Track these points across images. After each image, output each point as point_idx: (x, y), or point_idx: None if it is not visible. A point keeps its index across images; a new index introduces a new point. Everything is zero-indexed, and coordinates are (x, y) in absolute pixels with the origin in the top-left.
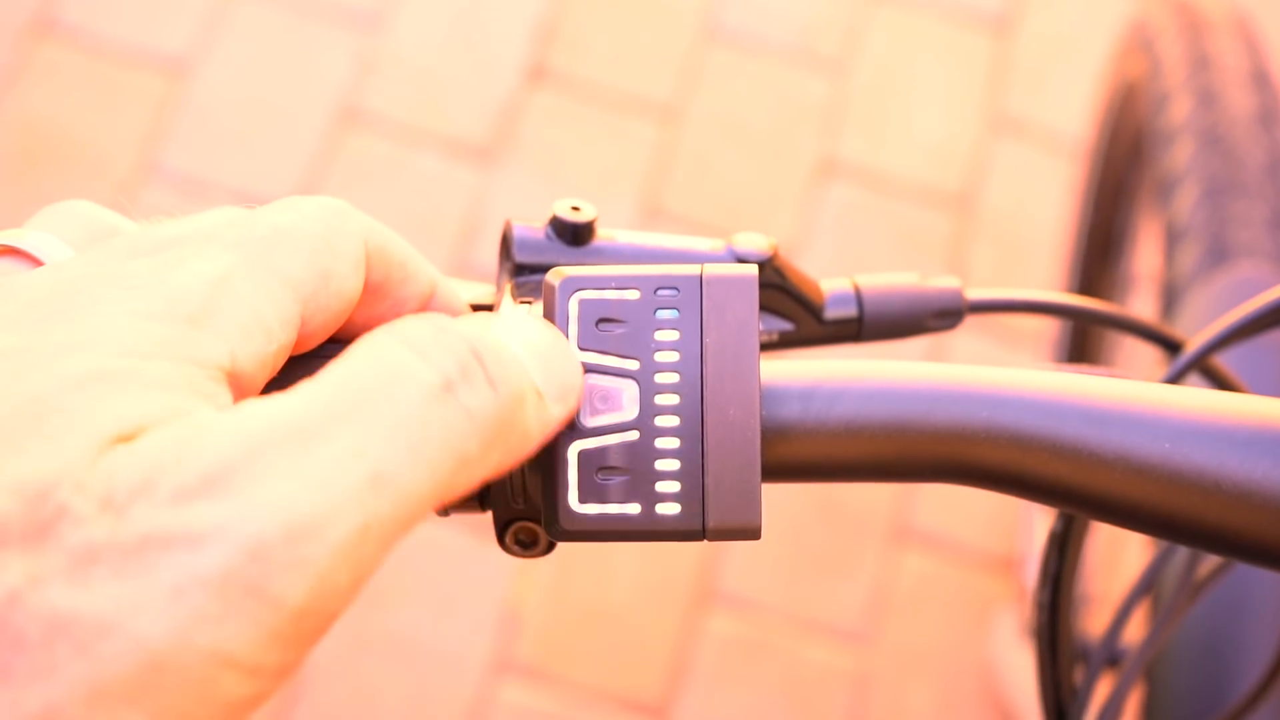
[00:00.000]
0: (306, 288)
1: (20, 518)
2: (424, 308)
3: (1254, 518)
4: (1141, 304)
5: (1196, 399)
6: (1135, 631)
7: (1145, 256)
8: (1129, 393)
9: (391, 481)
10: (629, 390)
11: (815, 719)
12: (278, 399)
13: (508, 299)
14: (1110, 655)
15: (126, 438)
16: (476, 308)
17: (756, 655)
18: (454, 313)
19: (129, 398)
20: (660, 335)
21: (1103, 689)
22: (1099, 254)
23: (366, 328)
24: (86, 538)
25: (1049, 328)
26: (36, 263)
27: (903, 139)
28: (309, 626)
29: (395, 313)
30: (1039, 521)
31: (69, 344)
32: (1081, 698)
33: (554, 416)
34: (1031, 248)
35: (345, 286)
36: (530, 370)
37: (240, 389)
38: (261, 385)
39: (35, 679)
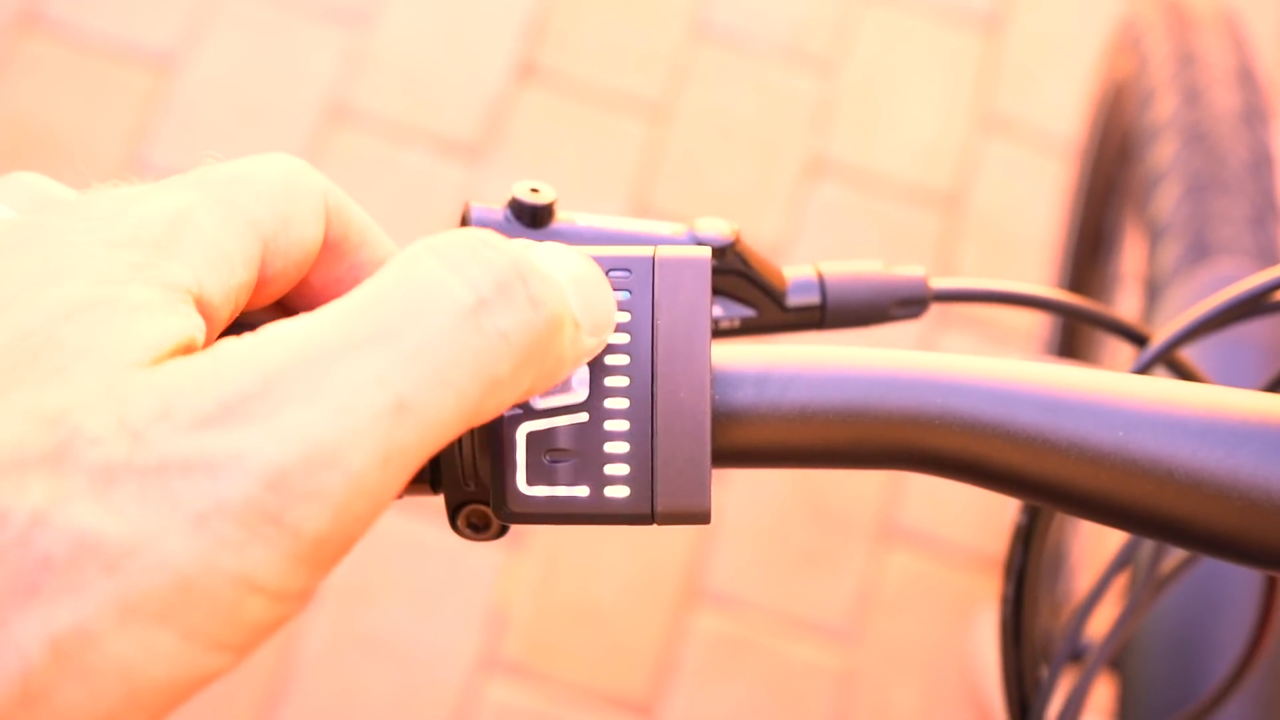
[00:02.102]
0: (267, 227)
1: (37, 441)
2: None
3: (1206, 507)
4: (1129, 303)
5: (1151, 388)
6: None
7: (1134, 256)
8: (1083, 381)
9: (415, 409)
10: (579, 372)
11: (801, 716)
12: (302, 319)
13: None
14: (1075, 650)
15: (132, 366)
16: None
17: (743, 653)
18: None
19: (120, 329)
20: None
21: (1070, 684)
22: (1088, 253)
23: (324, 291)
24: (104, 457)
25: (1038, 326)
26: None
27: (892, 138)
28: (329, 552)
29: (354, 276)
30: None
31: (44, 276)
32: (1045, 691)
33: (587, 348)
34: (1020, 247)
35: (306, 234)
36: (570, 297)
37: (208, 317)
38: (226, 319)
39: (65, 596)
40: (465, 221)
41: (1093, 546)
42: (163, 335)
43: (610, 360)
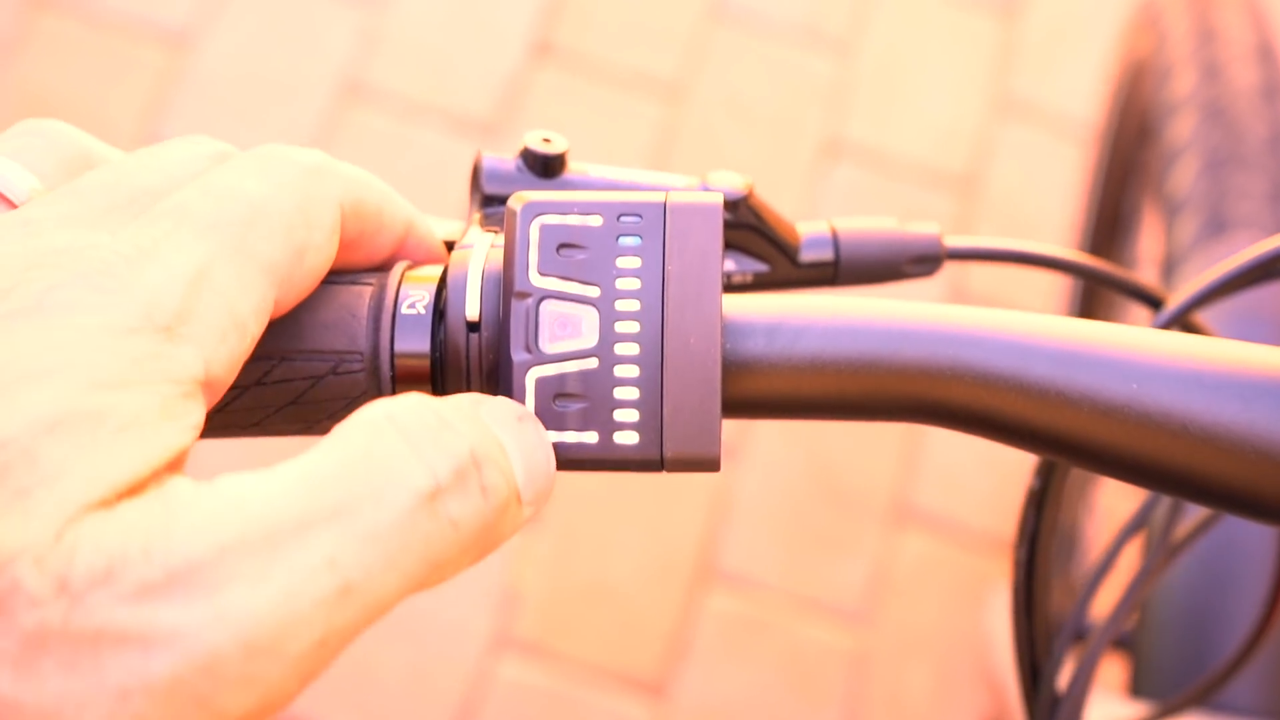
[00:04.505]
0: (282, 270)
1: None
2: (398, 249)
3: (1220, 460)
4: None
5: (1166, 341)
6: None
7: (1151, 240)
8: (1097, 334)
9: (360, 592)
10: (589, 317)
11: (814, 697)
12: (260, 486)
13: (474, 229)
14: (1081, 629)
15: (94, 506)
16: (450, 245)
17: (756, 634)
18: (429, 251)
19: (99, 453)
20: (622, 262)
21: (1082, 652)
22: (1105, 236)
23: (338, 270)
24: (39, 621)
25: (1057, 294)
26: (3, 199)
27: (909, 120)
28: None
29: (369, 258)
30: None
31: (41, 368)
32: (1056, 657)
33: (524, 519)
34: (1036, 230)
35: (319, 260)
36: (516, 471)
37: (213, 393)
38: (230, 382)
39: None
40: (477, 171)
41: (1107, 528)
42: (143, 461)
43: (620, 306)
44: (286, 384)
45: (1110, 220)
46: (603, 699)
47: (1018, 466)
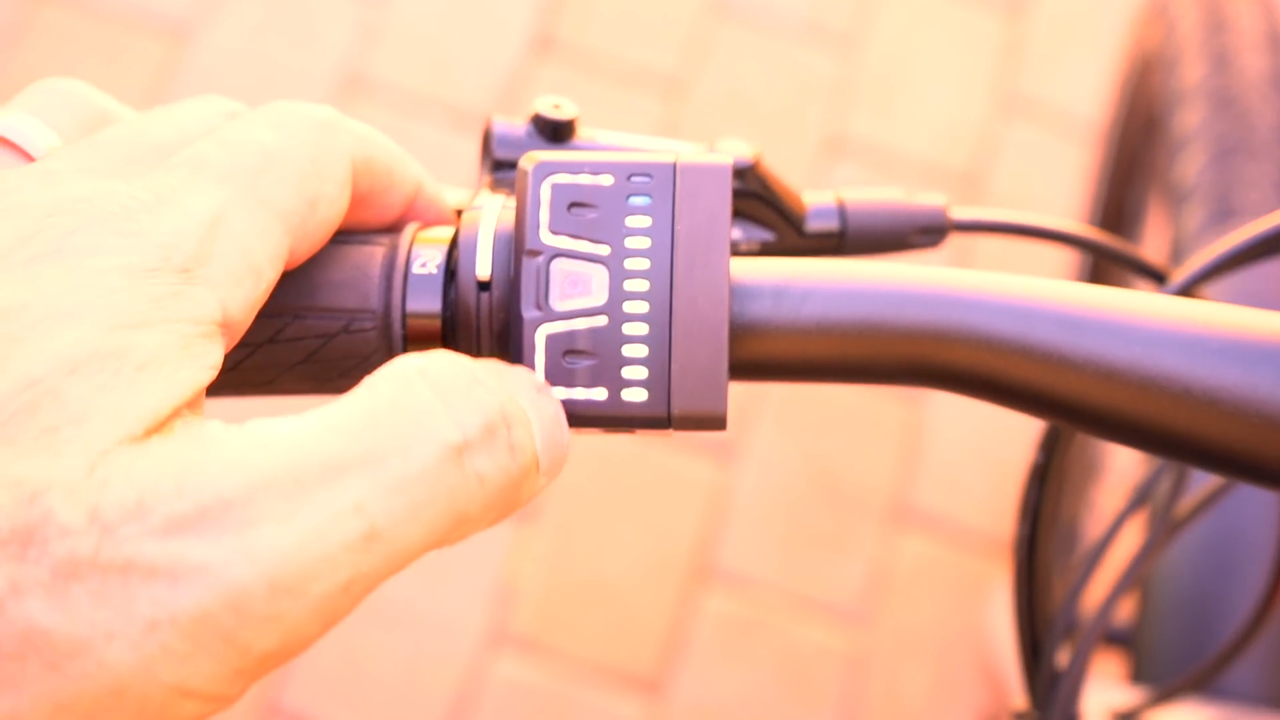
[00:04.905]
0: (295, 217)
1: (10, 515)
2: (407, 210)
3: (1223, 424)
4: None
5: (1169, 306)
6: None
7: (1155, 236)
8: (1102, 298)
9: (386, 539)
10: (598, 275)
11: (810, 697)
12: (289, 429)
13: (484, 192)
14: (1080, 604)
15: (124, 441)
16: (460, 212)
17: (753, 633)
18: (439, 213)
19: (123, 391)
20: (632, 222)
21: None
22: (1111, 229)
23: (349, 230)
24: (70, 550)
25: (1062, 271)
26: (21, 152)
27: (912, 117)
28: (272, 665)
29: (379, 217)
30: None
31: (62, 309)
32: (1058, 632)
33: (540, 489)
34: None
35: (332, 211)
36: (537, 440)
37: (231, 335)
38: (247, 326)
39: (3, 689)
40: (488, 137)
41: (1106, 519)
42: (166, 397)
43: (630, 265)
44: (298, 342)
45: (1115, 214)
46: (598, 697)
47: (1016, 466)
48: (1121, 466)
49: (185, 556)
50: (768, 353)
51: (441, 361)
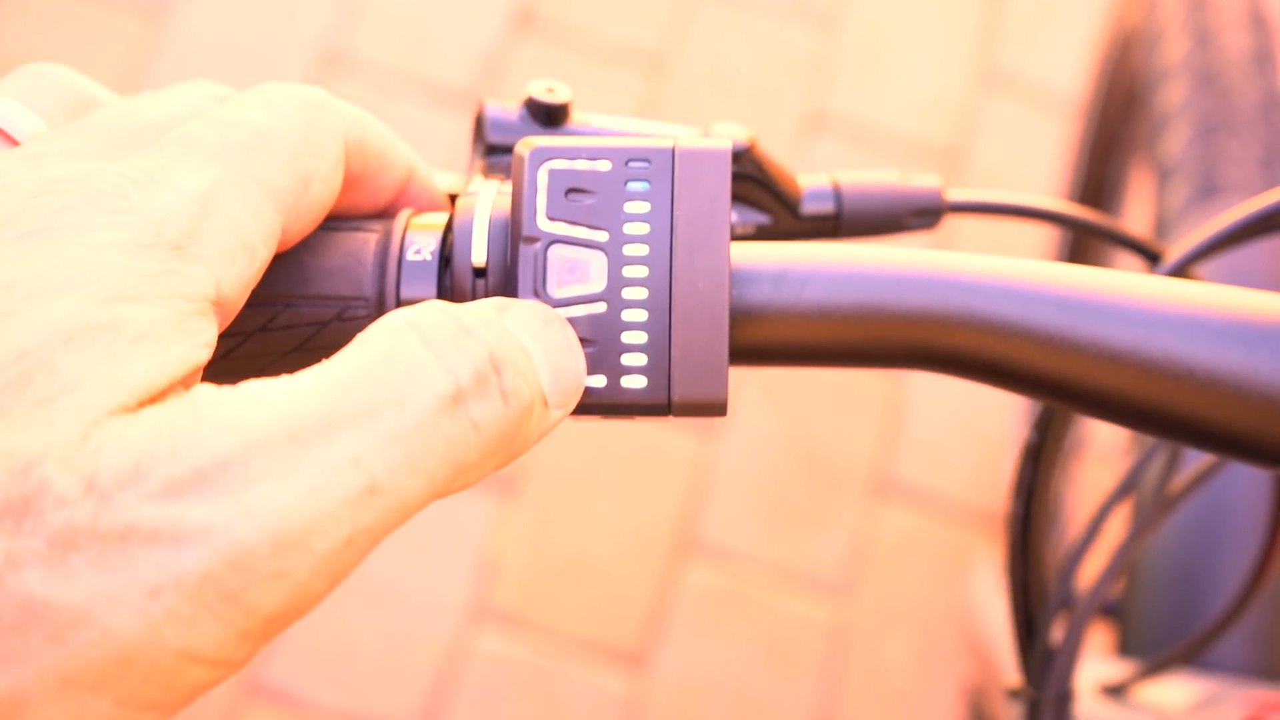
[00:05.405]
0: (288, 196)
1: (3, 489)
2: (399, 194)
3: (1224, 405)
4: (1132, 258)
5: (1169, 288)
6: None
7: (1136, 209)
8: (1101, 280)
9: (386, 492)
10: (597, 262)
11: (793, 670)
12: (283, 387)
13: (477, 177)
14: (1067, 598)
15: (117, 410)
16: (453, 198)
17: (735, 606)
18: (431, 198)
19: (117, 362)
20: (630, 207)
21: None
22: (1092, 203)
23: (341, 216)
24: (67, 520)
25: (1046, 251)
26: (6, 136)
27: (893, 93)
28: (279, 626)
29: (371, 202)
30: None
31: (54, 283)
32: (1052, 608)
33: (553, 421)
34: None
35: (325, 190)
36: (541, 374)
37: (224, 314)
38: (241, 304)
39: (5, 663)
40: (480, 121)
41: (1087, 502)
42: (160, 370)
43: (629, 251)
44: (291, 330)
45: (1096, 189)
46: (581, 671)
47: (998, 440)
48: (1102, 440)
49: (185, 519)
50: (768, 337)
51: (431, 312)
